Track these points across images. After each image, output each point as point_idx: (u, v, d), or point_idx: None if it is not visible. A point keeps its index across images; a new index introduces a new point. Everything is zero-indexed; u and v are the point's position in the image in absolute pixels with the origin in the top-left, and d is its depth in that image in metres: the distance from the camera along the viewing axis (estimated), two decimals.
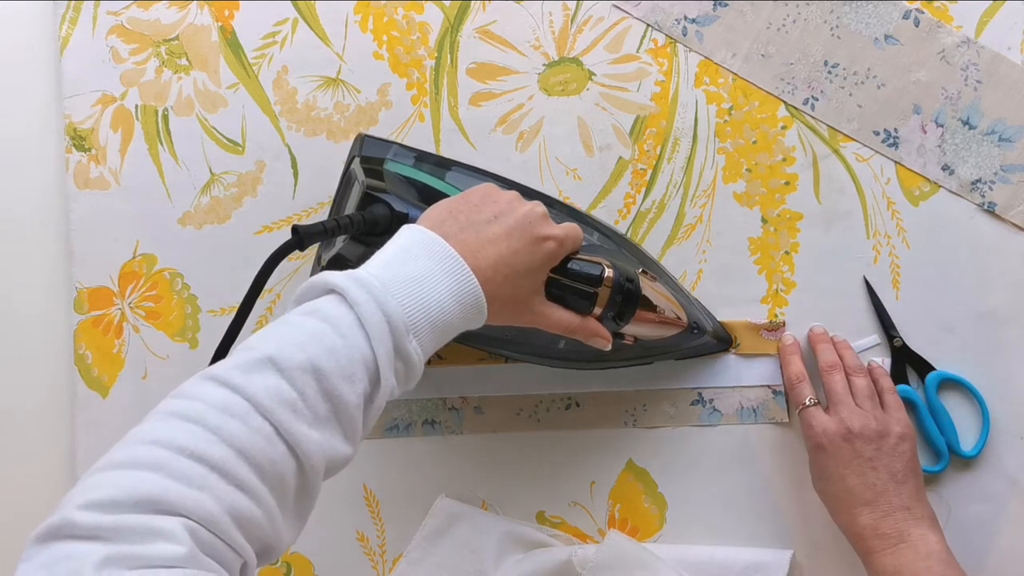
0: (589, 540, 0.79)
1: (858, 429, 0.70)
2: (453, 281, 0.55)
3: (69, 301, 0.81)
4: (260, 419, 0.48)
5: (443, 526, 0.79)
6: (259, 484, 0.47)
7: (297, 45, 0.81)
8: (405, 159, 0.72)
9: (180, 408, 0.48)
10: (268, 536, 0.48)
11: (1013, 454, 0.77)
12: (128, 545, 0.42)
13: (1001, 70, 0.78)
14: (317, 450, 0.50)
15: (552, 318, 0.63)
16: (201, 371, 0.50)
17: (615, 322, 0.66)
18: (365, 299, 0.52)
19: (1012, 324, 0.77)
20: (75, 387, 0.81)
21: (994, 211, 0.78)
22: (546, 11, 0.80)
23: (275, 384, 0.49)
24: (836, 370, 0.74)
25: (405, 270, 0.55)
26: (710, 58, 0.79)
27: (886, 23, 0.78)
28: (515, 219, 0.60)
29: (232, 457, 0.46)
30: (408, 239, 0.57)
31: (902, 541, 0.68)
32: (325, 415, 0.50)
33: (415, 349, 0.54)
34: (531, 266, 0.60)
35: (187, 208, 0.81)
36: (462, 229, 0.58)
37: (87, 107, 0.81)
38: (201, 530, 0.44)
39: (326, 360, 0.50)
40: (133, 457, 0.45)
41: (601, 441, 0.79)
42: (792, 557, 0.77)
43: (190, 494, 0.44)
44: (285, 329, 0.52)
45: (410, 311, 0.53)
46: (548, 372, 0.79)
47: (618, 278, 0.64)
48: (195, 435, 0.46)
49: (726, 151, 0.79)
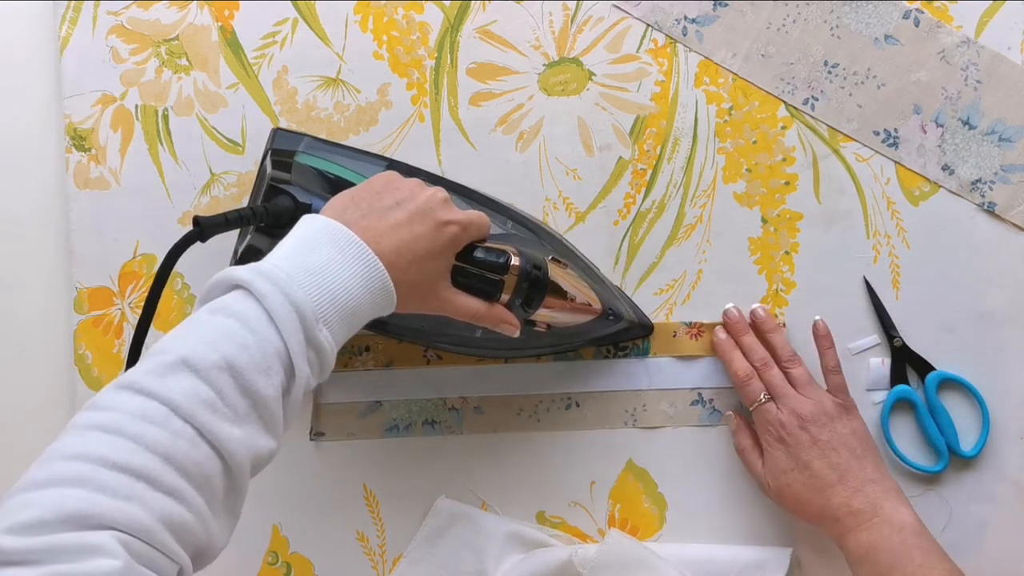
0: (589, 540, 0.79)
1: (808, 415, 0.71)
2: (359, 266, 0.56)
3: (69, 301, 0.81)
4: (180, 422, 0.47)
5: (443, 526, 0.79)
6: (187, 488, 0.47)
7: (297, 45, 0.81)
8: (316, 151, 0.72)
9: (97, 420, 0.47)
10: (201, 540, 0.48)
11: (1013, 454, 0.77)
12: (61, 565, 0.41)
13: (1001, 70, 0.78)
14: (241, 447, 0.50)
15: (458, 305, 0.63)
16: (114, 380, 0.49)
17: (523, 309, 0.66)
18: (271, 291, 0.52)
19: (1012, 324, 0.77)
20: (75, 387, 0.81)
21: (994, 211, 0.78)
22: (546, 11, 0.80)
23: (191, 385, 0.48)
24: (770, 364, 0.74)
25: (309, 259, 0.55)
26: (710, 58, 0.79)
27: (886, 23, 0.78)
28: (416, 204, 0.60)
29: (157, 464, 0.46)
30: (309, 228, 0.57)
31: (875, 515, 0.68)
32: (245, 411, 0.50)
33: (326, 338, 0.54)
34: (433, 251, 0.60)
35: (187, 208, 0.81)
36: (364, 216, 0.59)
37: (87, 107, 0.81)
38: (134, 541, 0.44)
39: (239, 356, 0.50)
40: (55, 474, 0.44)
41: (601, 441, 0.79)
42: (792, 556, 0.77)
43: (118, 506, 0.44)
44: (195, 328, 0.52)
45: (317, 300, 0.53)
46: (548, 372, 0.79)
47: (524, 265, 0.65)
48: (116, 445, 0.45)
49: (726, 151, 0.79)
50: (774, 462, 0.72)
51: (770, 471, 0.73)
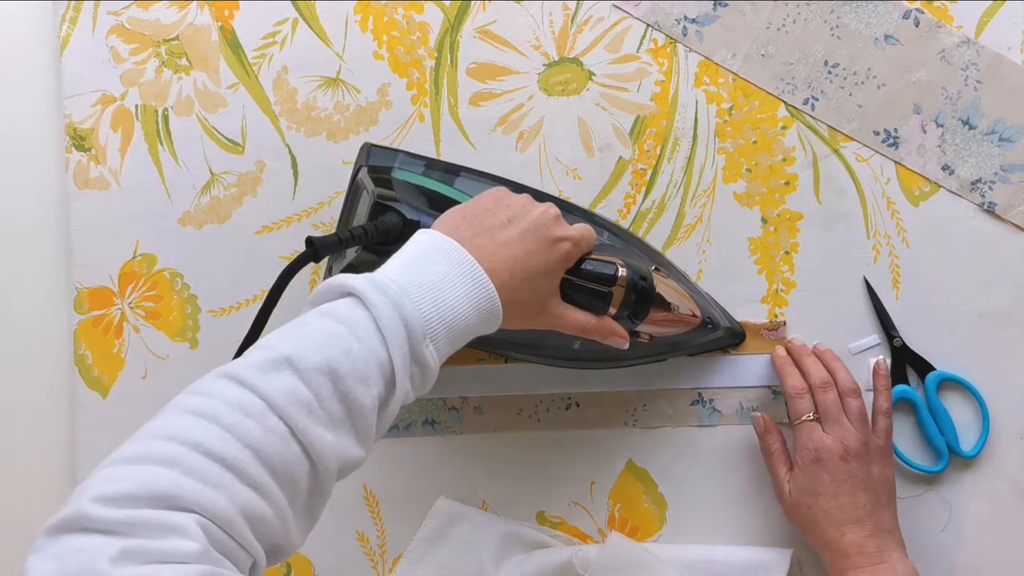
0: (589, 540, 0.79)
1: (854, 449, 0.71)
2: (469, 286, 0.55)
3: (69, 301, 0.81)
4: (275, 419, 0.48)
5: (443, 526, 0.79)
6: (272, 484, 0.47)
7: (297, 45, 0.81)
8: (413, 167, 0.72)
9: (196, 405, 0.47)
10: (278, 536, 0.48)
11: (1013, 454, 0.77)
12: (142, 540, 0.42)
13: (1001, 70, 0.78)
14: (331, 452, 0.50)
15: (568, 319, 0.63)
16: (217, 368, 0.50)
17: (630, 320, 0.66)
18: (383, 302, 0.52)
19: (1012, 324, 0.77)
20: (75, 387, 0.81)
21: (994, 211, 0.78)
22: (546, 11, 0.80)
23: (291, 384, 0.49)
24: (830, 387, 0.73)
25: (422, 274, 0.55)
26: (710, 58, 0.79)
27: (886, 23, 0.78)
28: (529, 221, 0.60)
29: (247, 456, 0.46)
30: (424, 244, 0.57)
31: (883, 560, 0.69)
32: (340, 417, 0.50)
33: (431, 354, 0.54)
34: (547, 268, 0.60)
35: (187, 208, 0.81)
36: (476, 234, 0.58)
37: (87, 107, 0.81)
38: (214, 528, 0.44)
39: (342, 362, 0.50)
40: (147, 452, 0.45)
41: (601, 441, 0.79)
42: (792, 557, 0.77)
43: (204, 491, 0.44)
44: (302, 330, 0.52)
45: (427, 316, 0.53)
46: (548, 372, 0.79)
47: (632, 276, 0.64)
48: (210, 433, 0.46)
49: (726, 151, 0.79)
50: (805, 481, 0.72)
51: (797, 487, 0.72)
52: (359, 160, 0.73)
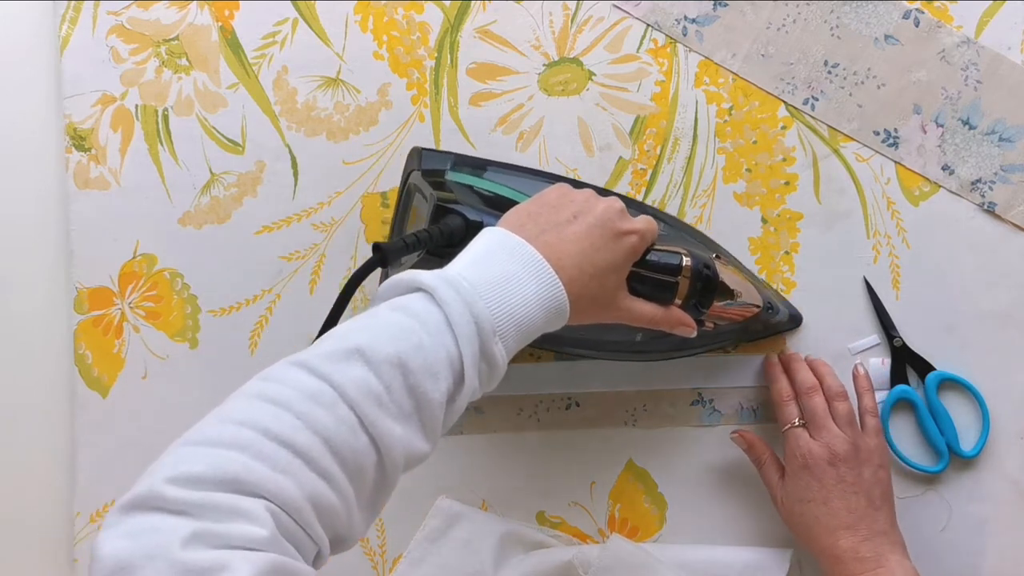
0: (589, 540, 0.79)
1: (842, 454, 0.70)
2: (537, 284, 0.55)
3: (69, 301, 0.81)
4: (346, 409, 0.48)
5: (443, 526, 0.79)
6: (340, 474, 0.47)
7: (297, 45, 0.81)
8: (466, 169, 0.72)
9: (268, 391, 0.48)
10: (343, 527, 0.48)
11: (1013, 454, 0.77)
12: (212, 523, 0.42)
13: (1001, 70, 0.78)
14: (398, 444, 0.50)
15: (636, 311, 0.63)
16: (288, 357, 0.50)
17: (696, 309, 0.66)
18: (454, 299, 0.52)
19: (1012, 324, 0.77)
20: (75, 387, 0.81)
21: (994, 211, 0.78)
22: (546, 11, 0.80)
23: (363, 376, 0.49)
24: (816, 392, 0.73)
25: (491, 272, 0.55)
26: (710, 58, 0.79)
27: (886, 23, 0.78)
28: (595, 216, 0.60)
29: (317, 445, 0.46)
30: (492, 242, 0.57)
31: (880, 565, 0.68)
32: (409, 411, 0.51)
33: (500, 351, 0.54)
34: (615, 262, 0.60)
35: (187, 208, 0.81)
36: (543, 231, 0.58)
37: (87, 107, 0.81)
38: (282, 515, 0.44)
39: (413, 356, 0.50)
40: (220, 436, 0.46)
41: (601, 441, 0.79)
42: (792, 557, 0.77)
43: (274, 478, 0.44)
44: (373, 322, 0.52)
45: (496, 313, 0.53)
46: (548, 372, 0.79)
47: (696, 265, 0.65)
48: (282, 420, 0.46)
49: (726, 151, 0.79)
50: (795, 488, 0.72)
51: (788, 494, 0.72)
52: (409, 165, 0.73)
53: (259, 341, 0.81)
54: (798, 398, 0.74)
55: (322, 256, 0.80)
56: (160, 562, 0.40)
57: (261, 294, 0.81)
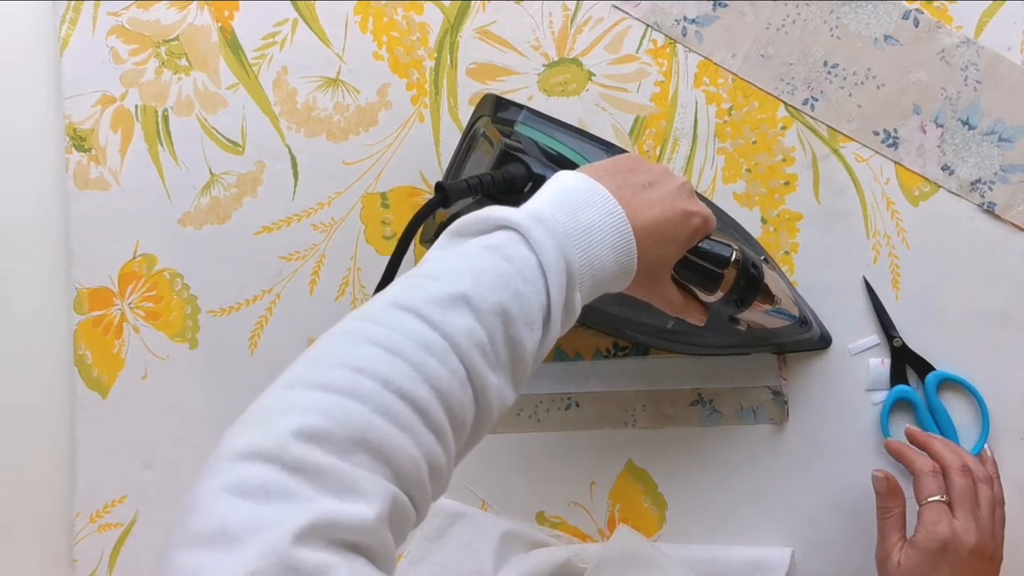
0: (589, 540, 0.79)
1: (982, 546, 0.67)
2: (616, 238, 0.53)
3: (69, 301, 0.81)
4: (456, 361, 0.45)
5: (443, 526, 0.79)
6: (449, 430, 0.44)
7: (297, 45, 0.81)
8: (537, 124, 0.71)
9: (376, 335, 0.44)
10: (441, 487, 0.46)
11: (1013, 454, 0.77)
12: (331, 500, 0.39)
13: (1001, 70, 0.78)
14: (496, 397, 0.48)
15: (662, 292, 0.61)
16: (381, 294, 0.47)
17: (736, 306, 0.65)
18: (549, 243, 0.50)
19: (1012, 324, 0.77)
20: (75, 387, 0.81)
21: (994, 211, 0.78)
22: (546, 11, 0.80)
23: (470, 325, 0.46)
24: (967, 474, 0.69)
25: (577, 217, 0.52)
26: (710, 58, 0.79)
27: (886, 23, 0.78)
28: (669, 189, 0.58)
29: (433, 399, 0.43)
30: (573, 187, 0.54)
31: None
32: (505, 361, 0.48)
33: (578, 301, 0.52)
34: (676, 236, 0.58)
35: (187, 208, 0.81)
36: (620, 187, 0.55)
37: (87, 107, 0.81)
38: (398, 493, 0.41)
39: (513, 305, 0.48)
40: (335, 381, 0.42)
41: (601, 441, 0.79)
42: (792, 556, 0.77)
43: (395, 435, 0.42)
44: (469, 264, 0.49)
45: (581, 261, 0.51)
46: (548, 372, 0.79)
47: (745, 262, 0.64)
48: (399, 369, 0.43)
49: (726, 151, 0.79)
50: (921, 564, 0.67)
51: (909, 566, 0.67)
52: (479, 110, 0.72)
53: (259, 341, 0.81)
54: (947, 474, 0.69)
55: (322, 256, 0.80)
56: (266, 548, 0.36)
57: (261, 294, 0.81)
